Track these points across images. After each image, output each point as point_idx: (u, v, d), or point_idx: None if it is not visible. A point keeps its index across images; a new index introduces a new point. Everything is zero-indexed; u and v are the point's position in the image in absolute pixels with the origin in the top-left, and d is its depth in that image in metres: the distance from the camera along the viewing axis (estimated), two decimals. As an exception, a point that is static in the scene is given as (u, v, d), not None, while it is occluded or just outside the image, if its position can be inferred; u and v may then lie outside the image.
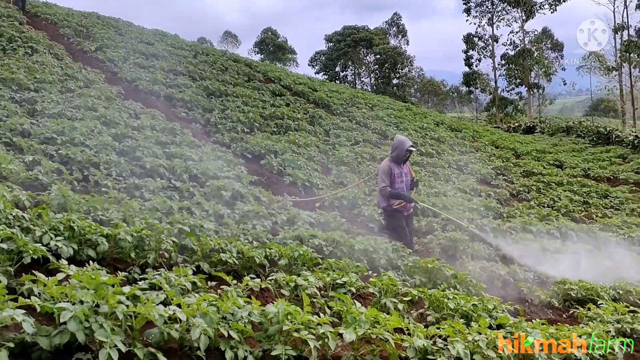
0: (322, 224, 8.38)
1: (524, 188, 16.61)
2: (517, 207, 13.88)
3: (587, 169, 21.41)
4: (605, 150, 26.40)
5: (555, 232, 11.76)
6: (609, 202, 16.99)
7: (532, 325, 5.11)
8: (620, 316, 7.06)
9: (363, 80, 75.40)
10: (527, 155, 23.25)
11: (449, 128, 25.66)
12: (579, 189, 17.75)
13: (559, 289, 8.05)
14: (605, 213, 15.48)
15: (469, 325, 4.88)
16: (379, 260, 7.14)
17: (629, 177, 20.59)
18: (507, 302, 6.58)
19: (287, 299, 4.70)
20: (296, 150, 13.22)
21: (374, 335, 4.00)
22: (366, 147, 16.12)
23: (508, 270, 8.58)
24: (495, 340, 4.58)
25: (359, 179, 12.16)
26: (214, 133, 13.54)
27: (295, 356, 3.61)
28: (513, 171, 19.02)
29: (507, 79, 57.83)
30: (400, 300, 5.46)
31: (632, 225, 14.05)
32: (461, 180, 15.25)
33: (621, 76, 41.56)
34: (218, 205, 7.84)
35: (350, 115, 20.55)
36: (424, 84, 76.57)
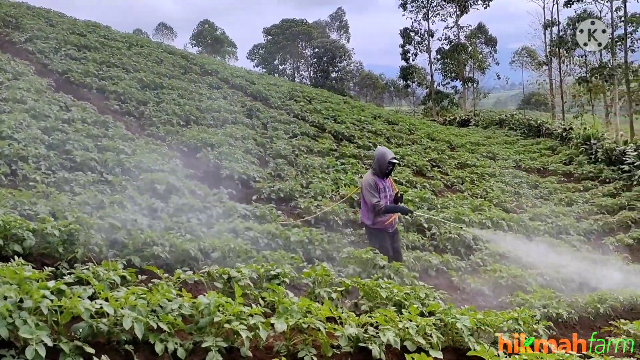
0: (258, 217, 8.37)
1: (458, 179, 16.99)
2: (451, 198, 14.19)
3: (518, 160, 22.08)
4: (536, 142, 27.26)
5: (487, 222, 12.09)
6: (539, 192, 17.59)
7: (461, 311, 5.25)
8: (547, 301, 7.34)
9: (302, 73, 75.50)
10: (462, 147, 23.78)
11: (386, 121, 25.94)
12: (511, 180, 18.30)
13: (490, 276, 8.29)
14: (535, 203, 16.01)
15: (401, 313, 4.98)
16: (315, 252, 7.19)
17: (557, 168, 21.36)
18: (440, 290, 6.73)
19: (221, 291, 4.68)
20: (233, 144, 13.12)
21: (305, 325, 4.03)
22: (304, 140, 16.14)
23: (441, 260, 8.79)
24: (425, 327, 4.68)
25: (342, 195, 11.51)
26: (149, 126, 13.31)
27: (226, 347, 3.61)
28: (448, 163, 19.41)
29: (442, 73, 58.91)
30: (334, 290, 5.51)
31: (560, 214, 14.58)
32: (397, 172, 15.46)
33: (551, 71, 42.97)
34: (152, 199, 7.73)
35: (288, 109, 20.53)
36: (362, 77, 77.16)
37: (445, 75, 59.05)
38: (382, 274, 6.73)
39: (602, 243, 13.20)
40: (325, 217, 9.82)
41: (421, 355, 3.86)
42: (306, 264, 6.39)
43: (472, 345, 4.63)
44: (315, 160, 13.86)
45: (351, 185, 12.19)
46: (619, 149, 21.81)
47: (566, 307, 7.50)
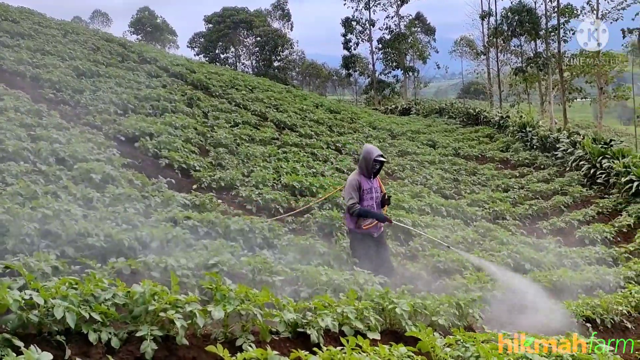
0: (197, 206, 8.29)
1: (399, 167, 17.22)
2: (392, 185, 14.37)
3: (457, 148, 22.50)
4: (474, 130, 27.85)
5: (426, 208, 12.30)
6: (477, 179, 18.01)
7: (398, 295, 5.33)
8: (483, 284, 7.53)
9: (244, 62, 74.82)
10: (403, 135, 24.07)
11: (328, 110, 26.03)
12: (450, 167, 18.66)
13: (428, 261, 8.45)
14: (473, 189, 16.39)
15: (340, 299, 5.02)
16: (255, 240, 7.18)
17: (495, 155, 21.91)
18: (379, 275, 6.82)
19: (158, 280, 4.62)
20: (173, 133, 12.92)
21: (243, 312, 4.02)
22: (245, 128, 16.04)
23: (382, 246, 8.88)
24: (363, 311, 4.74)
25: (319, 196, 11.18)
26: (85, 115, 12.95)
27: (162, 336, 3.57)
28: (389, 151, 19.63)
29: (384, 63, 59.47)
30: (273, 277, 5.52)
31: (497, 200, 14.96)
32: (339, 161, 15.56)
33: (489, 60, 43.85)
34: (87, 189, 7.55)
35: (230, 97, 20.35)
36: (305, 67, 77.08)
37: (386, 65, 59.65)
38: (323, 260, 6.78)
39: (537, 227, 13.63)
40: (267, 205, 9.81)
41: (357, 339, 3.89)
42: (246, 252, 6.38)
43: (409, 328, 4.72)
44: (257, 149, 13.80)
45: (293, 173, 12.20)
46: (553, 136, 22.50)
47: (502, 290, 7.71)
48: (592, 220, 14.35)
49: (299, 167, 13.00)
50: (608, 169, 17.59)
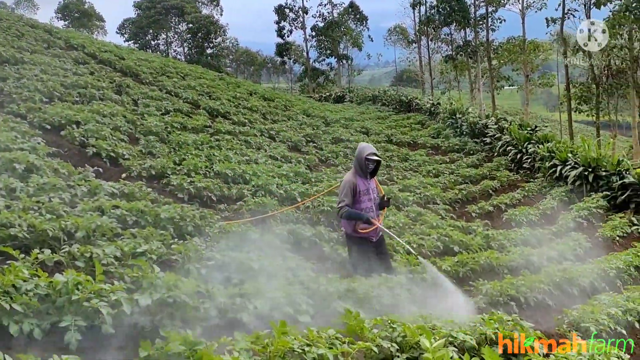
0: (126, 195, 8.13)
1: (333, 154, 17.33)
2: (325, 172, 14.46)
3: (390, 135, 22.82)
4: (407, 117, 28.31)
5: (359, 194, 12.43)
6: (409, 165, 18.33)
7: (327, 279, 5.41)
8: (412, 267, 7.70)
9: (176, 49, 73.41)
10: (336, 123, 24.21)
11: (262, 97, 25.92)
12: (383, 154, 18.88)
13: (360, 246, 8.54)
14: (405, 175, 16.68)
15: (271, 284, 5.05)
16: (186, 228, 7.11)
17: (426, 142, 22.35)
18: (310, 261, 6.89)
19: (82, 270, 4.53)
20: (101, 121, 12.57)
21: (172, 299, 4.00)
22: (177, 116, 15.78)
23: (314, 232, 8.95)
24: (294, 295, 4.78)
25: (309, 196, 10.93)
26: (8, 103, 12.44)
27: (87, 326, 3.51)
28: (323, 138, 19.72)
29: (318, 50, 59.59)
30: (204, 265, 5.50)
31: (428, 185, 15.27)
32: (272, 148, 15.54)
33: (420, 48, 44.54)
34: (10, 178, 7.28)
35: (161, 85, 19.96)
36: (239, 54, 76.36)
37: (320, 52, 59.79)
38: (255, 247, 6.78)
39: (466, 211, 14.01)
40: (199, 193, 9.71)
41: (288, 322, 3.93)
42: (177, 240, 6.30)
43: (339, 309, 4.79)
44: (189, 137, 13.60)
45: (225, 161, 12.11)
46: (482, 123, 23.11)
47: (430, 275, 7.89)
48: (518, 203, 14.86)
49: (232, 155, 12.91)
50: (533, 154, 18.22)
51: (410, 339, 4.18)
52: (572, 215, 13.38)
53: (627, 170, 15.21)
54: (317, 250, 8.52)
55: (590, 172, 15.49)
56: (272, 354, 3.39)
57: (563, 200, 15.07)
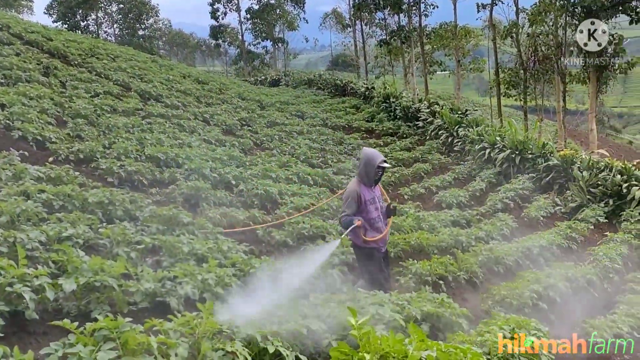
0: (53, 179, 7.91)
1: (267, 138, 17.29)
2: (260, 155, 14.43)
3: (325, 118, 22.93)
4: (342, 101, 28.47)
5: (293, 177, 12.49)
6: (343, 148, 18.49)
7: (260, 261, 5.44)
8: (344, 248, 7.81)
9: (106, 30, 71.26)
10: (272, 106, 24.15)
11: (196, 80, 25.53)
12: (318, 138, 19.01)
13: (294, 228, 8.62)
14: (340, 158, 16.81)
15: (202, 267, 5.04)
16: (116, 212, 6.98)
17: (361, 125, 22.58)
18: (243, 243, 6.89)
19: (5, 255, 4.40)
20: (27, 103, 12.12)
21: (98, 283, 3.95)
22: (107, 99, 15.38)
23: (248, 215, 8.95)
24: (225, 277, 4.79)
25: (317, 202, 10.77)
26: None
27: (10, 311, 3.43)
28: (258, 122, 19.63)
29: (253, 33, 59.00)
30: (133, 248, 5.43)
31: (362, 168, 15.42)
32: (206, 132, 15.37)
33: (355, 33, 44.80)
34: None
35: (90, 67, 19.37)
36: (172, 36, 74.86)
37: (255, 35, 59.21)
38: (186, 230, 6.74)
39: (398, 193, 14.26)
40: (130, 177, 9.53)
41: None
42: (106, 224, 6.19)
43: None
44: (119, 120, 13.28)
45: (157, 145, 11.91)
46: (415, 107, 23.50)
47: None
48: (449, 185, 15.24)
49: (165, 139, 12.70)
50: (464, 137, 18.67)
51: (339, 319, 4.27)
52: (499, 197, 13.83)
53: (551, 153, 15.81)
54: (251, 233, 8.54)
55: (517, 155, 16.01)
56: (200, 335, 3.40)
57: (491, 182, 15.55)
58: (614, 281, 8.93)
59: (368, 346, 3.25)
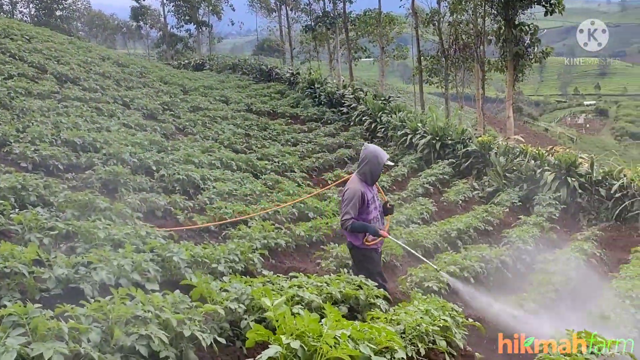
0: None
1: (190, 122, 17.02)
2: (182, 140, 14.22)
3: (250, 104, 22.77)
4: (267, 86, 28.33)
5: (216, 162, 12.39)
6: (268, 134, 18.44)
7: (179, 246, 5.38)
8: (266, 233, 7.83)
9: (22, 10, 68.15)
10: (195, 91, 23.78)
11: (116, 63, 24.81)
12: (242, 123, 18.88)
13: (216, 213, 8.57)
14: (264, 144, 16.77)
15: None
16: (29, 197, 6.75)
17: (285, 111, 22.57)
18: (163, 229, 6.80)
19: None
20: None
21: (8, 270, 3.83)
22: (21, 81, 14.76)
23: (169, 201, 8.83)
24: (142, 263, 4.72)
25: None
26: None
27: None
28: (180, 106, 19.29)
29: (176, 16, 57.77)
30: (46, 234, 5.28)
31: (286, 153, 15.48)
32: (126, 116, 14.99)
33: (280, 18, 44.62)
34: None
35: (3, 48, 18.51)
36: (91, 17, 72.36)
37: (179, 18, 58.00)
38: (103, 216, 6.58)
39: (322, 179, 14.38)
40: (45, 162, 9.21)
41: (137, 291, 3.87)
42: (18, 210, 5.98)
43: (188, 276, 4.79)
44: (34, 103, 12.79)
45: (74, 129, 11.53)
46: (339, 93, 23.68)
47: (284, 237, 8.09)
48: (372, 171, 15.43)
49: (82, 123, 12.31)
50: (387, 124, 18.98)
51: (257, 301, 4.29)
52: (420, 182, 14.18)
53: (470, 139, 16.30)
54: (172, 219, 8.43)
55: (437, 141, 16.44)
56: (114, 320, 3.35)
57: (413, 167, 15.91)
58: (526, 262, 9.33)
59: (284, 327, 3.29)
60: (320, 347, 3.15)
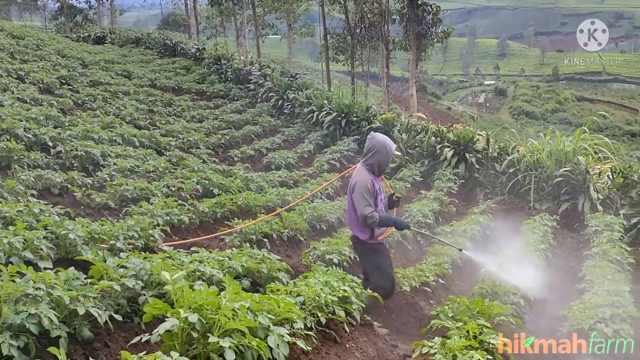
0: None
1: (90, 97, 16.38)
2: (81, 116, 13.68)
3: (154, 79, 22.13)
4: (172, 61, 27.64)
5: (118, 138, 12.03)
6: (172, 110, 18.05)
7: (75, 223, 5.22)
8: (169, 209, 7.71)
9: None
10: (95, 65, 22.85)
11: (10, 35, 23.51)
12: (145, 99, 18.35)
13: (116, 190, 8.35)
14: (168, 120, 16.42)
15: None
16: None
17: (191, 87, 22.16)
18: (58, 206, 6.56)
19: None
20: None
21: None
22: None
23: (66, 177, 8.53)
24: (34, 240, 4.55)
25: None
26: None
27: None
28: (79, 81, 18.51)
29: (70, -13, 55.16)
30: None
31: (191, 130, 15.24)
32: (21, 90, 14.24)
33: (185, -9, 43.44)
34: None
35: None
36: (-18, -14, 68.06)
37: (77, -11, 55.44)
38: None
39: (228, 155, 14.28)
40: None
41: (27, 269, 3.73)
42: None
43: (85, 253, 4.68)
44: None
45: None
46: (246, 69, 23.47)
47: (188, 214, 8.00)
48: (278, 147, 15.50)
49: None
50: (293, 101, 19.02)
51: (156, 277, 4.24)
52: (326, 158, 14.35)
53: (374, 116, 16.62)
54: (69, 197, 8.16)
55: (343, 118, 16.64)
56: (3, 299, 3.23)
57: (319, 144, 16.06)
58: (425, 235, 9.66)
59: (182, 301, 3.27)
60: (218, 319, 3.17)
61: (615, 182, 11.25)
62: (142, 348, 3.62)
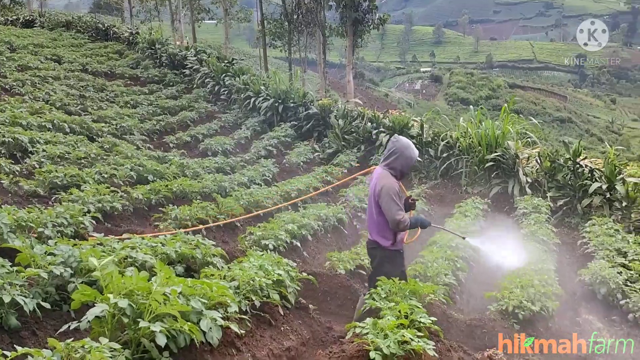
0: None
1: (18, 82, 15.83)
2: (9, 101, 13.22)
3: (85, 64, 21.55)
4: (104, 46, 26.99)
5: (47, 124, 11.68)
6: (105, 95, 17.64)
7: (1, 210, 5.08)
8: (101, 196, 7.57)
9: None
10: (24, 49, 22.07)
11: None
12: (76, 84, 17.88)
13: (45, 177, 8.14)
14: (101, 106, 16.04)
15: None
16: None
17: (124, 72, 21.69)
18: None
19: None
20: None
21: None
22: None
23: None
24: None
25: None
26: None
27: None
28: (7, 65, 17.85)
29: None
30: None
31: (125, 116, 14.95)
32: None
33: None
34: None
35: None
36: None
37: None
38: None
39: (163, 141, 14.07)
40: None
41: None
42: None
43: (11, 241, 4.56)
44: None
45: None
46: (181, 54, 23.12)
47: (121, 200, 7.87)
48: (215, 133, 15.40)
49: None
50: (230, 86, 18.88)
51: (86, 264, 4.17)
52: (263, 144, 14.34)
53: (311, 102, 16.68)
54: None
55: (280, 104, 16.64)
56: None
57: (256, 130, 16.02)
58: (361, 219, 9.78)
59: (112, 286, 3.24)
60: (149, 304, 3.15)
61: (543, 166, 11.67)
62: (72, 336, 3.55)
